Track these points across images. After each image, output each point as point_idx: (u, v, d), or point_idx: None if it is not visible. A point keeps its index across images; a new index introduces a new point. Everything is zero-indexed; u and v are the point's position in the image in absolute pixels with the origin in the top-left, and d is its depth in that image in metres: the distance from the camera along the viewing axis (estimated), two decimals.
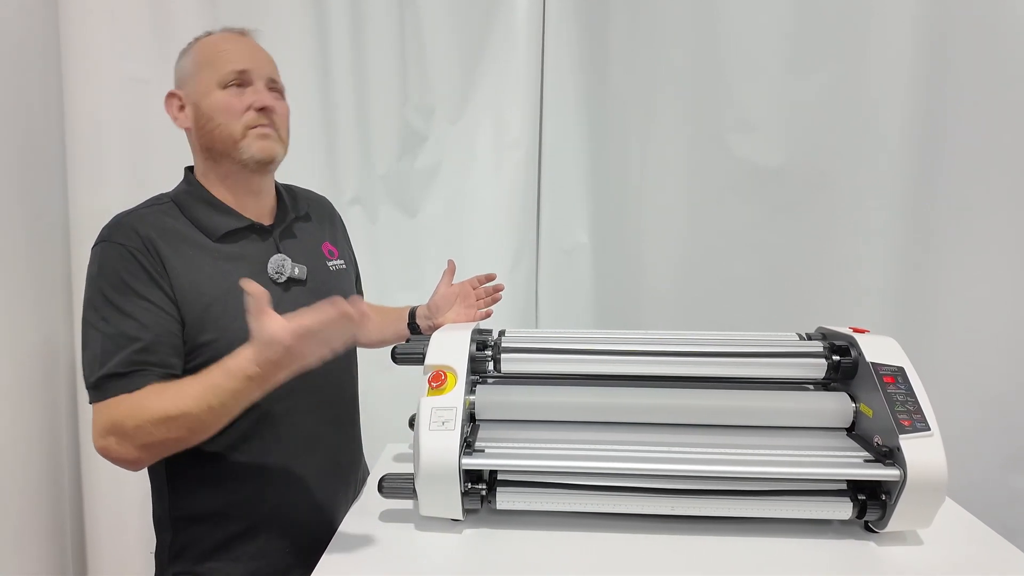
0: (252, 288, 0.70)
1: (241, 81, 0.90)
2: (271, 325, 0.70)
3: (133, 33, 1.37)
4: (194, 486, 0.90)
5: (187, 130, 0.93)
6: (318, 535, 0.94)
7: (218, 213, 0.91)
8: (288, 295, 0.93)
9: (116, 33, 1.36)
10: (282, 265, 0.93)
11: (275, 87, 0.94)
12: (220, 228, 0.90)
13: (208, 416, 0.75)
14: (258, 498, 0.92)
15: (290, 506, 0.95)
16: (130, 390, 0.80)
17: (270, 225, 0.96)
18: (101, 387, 0.81)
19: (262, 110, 0.90)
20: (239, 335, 0.85)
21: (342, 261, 1.06)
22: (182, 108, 0.92)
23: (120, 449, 0.79)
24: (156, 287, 0.83)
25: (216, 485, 0.87)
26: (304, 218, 1.03)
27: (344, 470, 1.04)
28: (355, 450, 1.10)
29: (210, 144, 0.91)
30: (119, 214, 0.88)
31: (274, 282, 0.93)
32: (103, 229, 0.87)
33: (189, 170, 0.96)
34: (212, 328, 0.86)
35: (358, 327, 0.72)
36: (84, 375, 0.83)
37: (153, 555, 0.96)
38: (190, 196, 0.92)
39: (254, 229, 0.93)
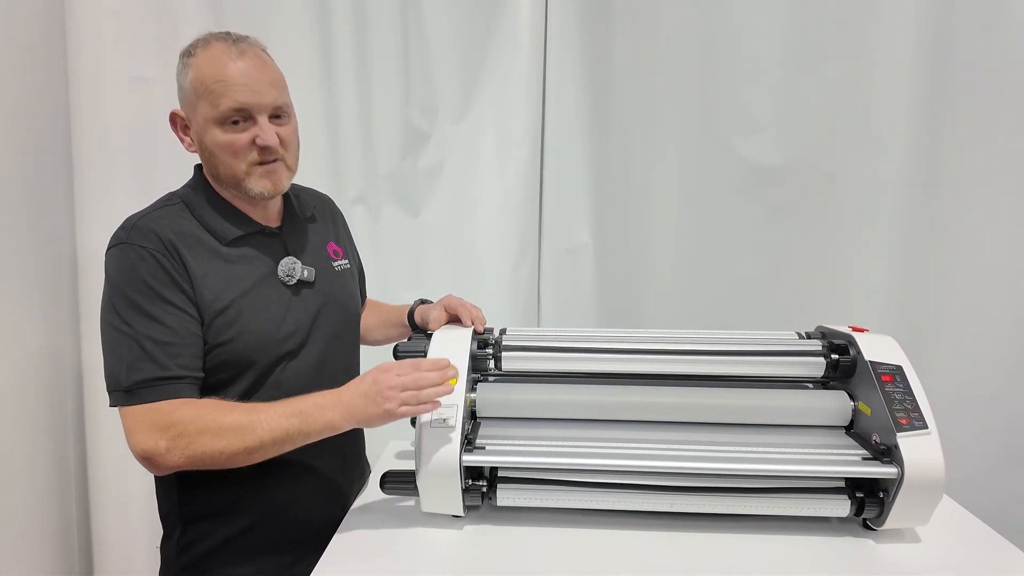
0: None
1: (242, 117, 0.85)
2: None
3: (138, 33, 1.38)
4: (203, 482, 0.90)
5: (194, 152, 0.91)
6: (323, 529, 0.95)
7: (227, 218, 0.91)
8: (298, 297, 0.95)
9: (121, 33, 1.36)
10: (292, 268, 0.94)
11: (279, 111, 0.88)
12: (230, 233, 0.90)
13: (269, 439, 0.80)
14: (265, 493, 0.93)
15: (296, 500, 0.96)
16: (169, 396, 0.81)
17: (278, 227, 0.97)
18: (135, 392, 0.81)
19: (264, 148, 0.86)
20: (254, 336, 0.88)
21: (346, 260, 1.07)
22: (186, 129, 0.89)
23: (168, 454, 0.79)
24: (179, 290, 0.84)
25: (225, 481, 0.88)
26: (310, 219, 1.04)
27: (348, 465, 1.05)
28: (358, 445, 1.11)
29: (216, 175, 0.90)
30: (132, 216, 0.88)
31: (284, 284, 0.93)
32: (119, 231, 0.86)
33: (200, 167, 0.94)
34: (228, 330, 0.87)
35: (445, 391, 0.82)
36: (111, 379, 0.82)
37: (159, 549, 0.97)
38: (200, 198, 0.91)
39: (263, 233, 0.94)
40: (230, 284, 0.88)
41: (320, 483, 0.98)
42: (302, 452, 0.94)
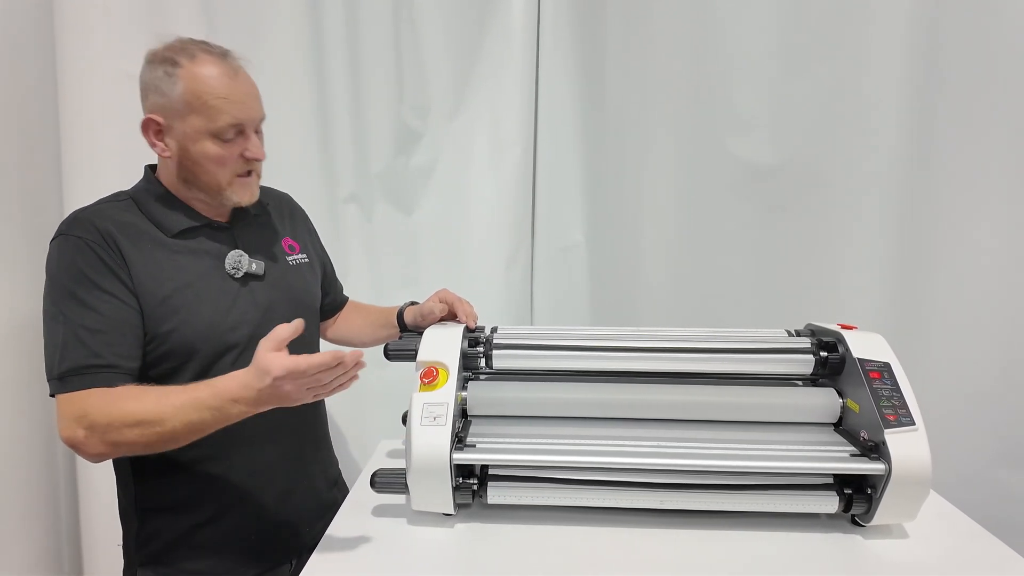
0: (295, 324, 0.76)
1: (235, 132, 0.89)
2: (268, 356, 0.74)
3: (128, 29, 1.37)
4: (159, 476, 0.91)
5: (166, 157, 0.90)
6: (281, 521, 0.96)
7: (175, 211, 0.92)
8: (246, 290, 0.95)
9: (111, 29, 1.36)
10: (239, 261, 0.94)
11: (259, 125, 0.93)
12: (176, 225, 0.91)
13: (182, 429, 0.77)
14: (222, 486, 0.93)
15: (254, 493, 0.96)
16: (97, 384, 0.81)
17: (227, 223, 0.97)
18: (66, 380, 0.81)
19: (252, 160, 0.91)
20: (198, 326, 0.89)
21: (304, 255, 1.07)
22: (160, 133, 0.88)
23: (87, 442, 0.79)
24: (115, 279, 0.85)
25: (181, 474, 0.88)
26: (263, 215, 1.04)
27: (307, 458, 1.05)
28: (319, 439, 1.11)
29: (192, 181, 0.91)
30: (76, 210, 0.89)
31: (232, 277, 0.94)
32: (61, 224, 0.87)
33: (151, 168, 0.96)
34: (171, 318, 0.87)
35: (352, 378, 0.77)
36: (46, 367, 0.83)
37: (120, 547, 0.97)
38: (149, 194, 0.92)
39: (211, 227, 0.95)
40: (174, 274, 0.89)
41: (277, 475, 0.99)
42: (260, 444, 0.95)
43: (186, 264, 0.90)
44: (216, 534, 0.94)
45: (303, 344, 1.04)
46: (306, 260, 1.07)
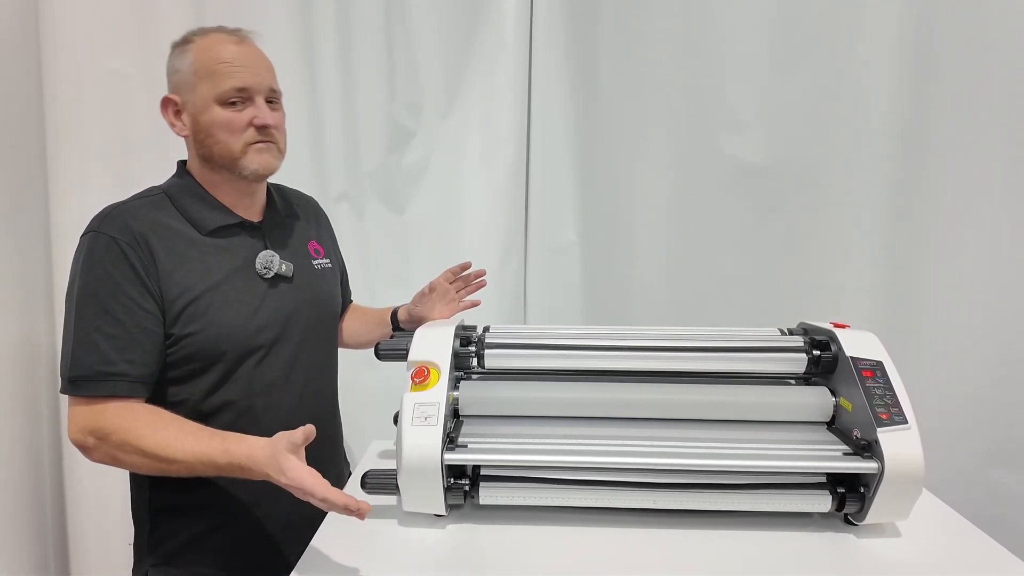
0: (307, 431, 0.76)
1: (242, 98, 0.89)
2: (290, 461, 0.75)
3: (115, 26, 1.36)
4: (174, 479, 0.89)
5: (184, 136, 0.92)
6: (295, 528, 0.95)
7: (209, 208, 0.92)
8: (274, 291, 0.95)
9: (97, 26, 1.34)
10: (270, 261, 0.94)
11: (273, 96, 0.93)
12: (210, 223, 0.91)
13: (185, 471, 0.80)
14: (237, 491, 0.93)
15: (268, 500, 0.95)
16: (105, 392, 0.81)
17: (259, 222, 0.97)
18: (76, 383, 0.82)
19: (262, 127, 0.90)
20: (222, 328, 0.88)
21: (327, 260, 1.07)
22: (178, 114, 0.91)
23: (95, 451, 0.83)
24: (141, 284, 0.84)
25: (195, 480, 0.86)
26: (292, 217, 1.04)
27: (322, 465, 1.03)
28: (334, 446, 1.10)
29: (208, 156, 0.91)
30: (110, 206, 0.89)
31: (261, 277, 0.93)
32: (95, 218, 0.87)
33: (182, 163, 0.96)
34: (196, 321, 0.87)
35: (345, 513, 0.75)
36: (61, 365, 0.84)
37: (132, 547, 0.97)
38: (183, 190, 0.92)
39: (244, 226, 0.94)
40: (202, 276, 0.88)
41: None
42: None
43: (216, 264, 0.90)
44: (229, 539, 0.93)
45: (323, 346, 1.04)
46: (330, 265, 1.07)
